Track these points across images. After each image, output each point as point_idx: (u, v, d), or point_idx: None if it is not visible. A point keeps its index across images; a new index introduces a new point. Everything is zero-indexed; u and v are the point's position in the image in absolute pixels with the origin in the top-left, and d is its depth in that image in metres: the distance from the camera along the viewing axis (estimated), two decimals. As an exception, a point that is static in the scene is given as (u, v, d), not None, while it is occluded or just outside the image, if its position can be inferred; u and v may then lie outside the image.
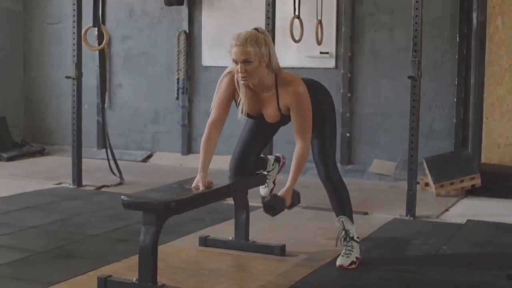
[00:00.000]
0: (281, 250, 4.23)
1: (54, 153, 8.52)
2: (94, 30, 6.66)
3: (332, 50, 7.37)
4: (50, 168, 7.52)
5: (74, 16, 6.34)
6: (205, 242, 4.43)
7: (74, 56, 6.35)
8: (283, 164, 4.50)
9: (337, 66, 7.41)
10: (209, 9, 7.91)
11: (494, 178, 6.28)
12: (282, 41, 6.73)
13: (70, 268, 3.92)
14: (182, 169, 7.65)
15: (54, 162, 7.93)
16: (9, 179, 6.81)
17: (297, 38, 6.46)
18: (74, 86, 6.38)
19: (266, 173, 4.36)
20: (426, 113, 6.90)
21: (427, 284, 3.84)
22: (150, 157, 8.23)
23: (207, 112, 7.79)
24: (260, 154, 4.29)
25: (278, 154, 4.52)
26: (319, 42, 6.76)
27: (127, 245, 4.43)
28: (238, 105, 3.83)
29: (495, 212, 5.68)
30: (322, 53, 7.34)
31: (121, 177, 6.70)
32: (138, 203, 3.48)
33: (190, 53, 8.05)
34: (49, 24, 8.75)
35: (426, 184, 6.44)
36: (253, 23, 7.56)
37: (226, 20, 7.82)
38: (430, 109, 7.03)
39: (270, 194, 3.89)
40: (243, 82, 3.70)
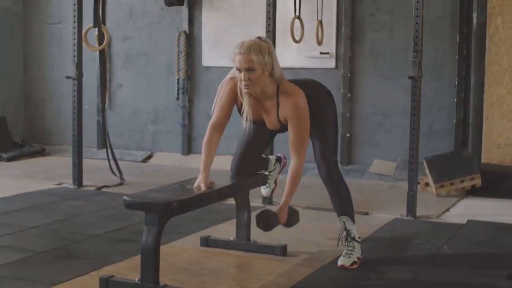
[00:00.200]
0: (282, 250, 4.24)
1: (54, 153, 8.52)
2: (94, 30, 6.66)
3: (332, 50, 7.38)
4: (50, 168, 7.52)
5: (75, 16, 6.34)
6: (206, 242, 4.43)
7: (74, 56, 6.35)
8: (284, 164, 4.51)
9: (337, 66, 7.41)
10: (209, 9, 7.91)
11: (494, 178, 6.28)
12: (282, 41, 6.73)
13: (72, 268, 3.93)
14: (182, 169, 7.65)
15: (54, 162, 7.93)
16: (9, 179, 6.81)
17: (297, 38, 6.46)
18: (74, 86, 6.38)
19: (268, 173, 4.38)
20: (426, 113, 6.90)
21: (428, 284, 3.85)
22: (150, 157, 8.23)
23: (207, 112, 7.95)
24: (261, 155, 4.30)
25: (279, 154, 4.53)
26: (320, 43, 6.76)
27: (129, 245, 4.43)
28: (242, 113, 3.83)
29: (496, 212, 5.69)
30: (322, 53, 7.34)
31: (121, 177, 6.70)
32: (140, 203, 3.49)
33: (190, 53, 8.05)
34: (49, 24, 8.75)
35: (426, 184, 6.44)
36: (253, 23, 7.65)
37: (226, 20, 7.82)
38: (430, 109, 7.04)
39: (263, 209, 3.82)
40: (246, 90, 3.69)
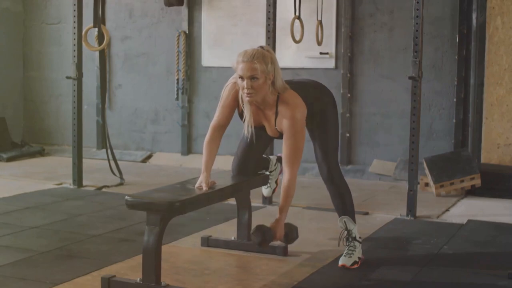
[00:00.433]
0: (283, 250, 4.25)
1: (53, 153, 8.52)
2: (94, 31, 6.66)
3: (332, 50, 7.38)
4: (50, 168, 7.52)
5: (75, 16, 6.34)
6: (207, 242, 4.44)
7: (74, 56, 6.35)
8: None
9: (337, 66, 7.41)
10: (208, 9, 7.91)
11: (494, 178, 6.29)
12: (282, 41, 6.73)
13: (73, 268, 3.93)
14: (182, 169, 7.65)
15: (54, 163, 7.93)
16: (9, 180, 6.81)
17: (297, 38, 6.46)
18: (74, 86, 6.38)
19: (268, 173, 4.38)
20: (426, 113, 6.91)
21: (429, 284, 3.85)
22: (150, 157, 8.23)
23: (207, 112, 7.96)
24: (262, 155, 4.31)
25: (280, 154, 4.52)
26: (319, 43, 6.76)
27: (130, 245, 4.44)
28: (243, 120, 3.84)
29: (496, 212, 5.70)
30: (322, 53, 7.35)
31: (121, 177, 6.70)
32: (142, 203, 3.49)
33: (189, 53, 8.05)
34: (48, 24, 8.74)
35: (426, 184, 6.45)
36: (252, 24, 7.66)
37: (226, 20, 7.82)
38: (430, 109, 7.05)
39: (258, 225, 3.74)
40: (248, 98, 3.68)
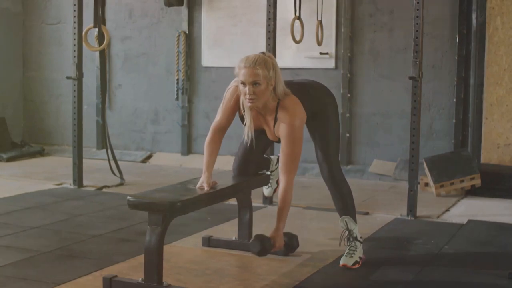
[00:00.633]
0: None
1: (53, 153, 8.52)
2: (94, 31, 6.66)
3: (331, 50, 7.39)
4: (50, 168, 7.52)
5: (75, 17, 6.34)
6: (208, 242, 4.44)
7: (74, 57, 6.35)
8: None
9: (336, 66, 7.42)
10: (208, 9, 7.92)
11: (494, 178, 6.30)
12: (281, 41, 6.74)
13: (75, 268, 3.93)
14: (182, 169, 7.65)
15: (54, 163, 7.93)
16: (9, 180, 6.81)
17: (297, 39, 6.46)
18: (74, 86, 6.38)
19: (269, 173, 4.39)
20: (425, 113, 6.91)
21: (430, 283, 3.86)
22: (150, 157, 8.23)
23: (207, 112, 7.97)
24: (263, 155, 4.31)
25: (281, 155, 4.53)
26: (320, 43, 6.76)
27: (131, 245, 4.44)
28: (244, 124, 3.84)
29: (496, 212, 5.71)
30: (322, 53, 7.35)
31: (121, 177, 6.71)
32: (144, 203, 3.49)
33: (189, 53, 8.06)
34: (48, 24, 8.74)
35: (426, 184, 6.46)
36: (252, 24, 7.66)
37: (226, 20, 7.83)
38: (429, 109, 7.05)
39: (256, 234, 3.72)
40: (250, 104, 3.68)
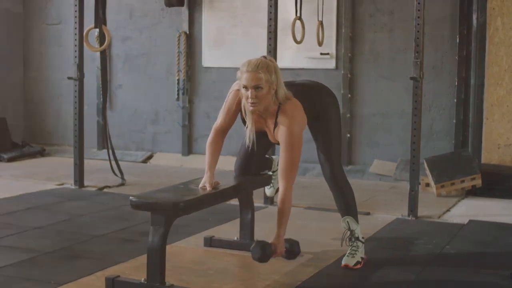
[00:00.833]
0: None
1: (54, 153, 8.52)
2: (94, 31, 6.66)
3: (332, 51, 7.40)
4: (50, 168, 7.53)
5: (76, 17, 6.34)
6: (210, 242, 4.45)
7: (75, 57, 6.35)
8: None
9: (337, 67, 7.43)
10: (209, 10, 7.93)
11: (495, 178, 6.31)
12: (282, 42, 6.73)
13: (77, 268, 3.94)
14: (183, 169, 7.66)
15: (55, 163, 7.94)
16: (10, 180, 6.81)
17: (298, 39, 6.47)
18: (75, 87, 6.39)
19: (271, 173, 4.40)
20: (426, 113, 6.92)
21: (432, 283, 3.87)
22: (150, 157, 8.23)
23: (207, 112, 7.97)
24: (264, 155, 4.32)
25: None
26: (320, 43, 6.76)
27: (133, 245, 4.45)
28: (246, 128, 3.84)
29: (496, 212, 5.72)
30: (322, 54, 7.36)
31: (122, 177, 6.71)
32: (147, 204, 3.50)
33: (190, 54, 8.06)
34: (49, 24, 8.75)
35: (427, 184, 6.47)
36: (253, 24, 7.67)
37: (226, 21, 7.84)
38: (430, 109, 7.06)
39: (257, 240, 3.70)
40: (252, 108, 3.67)
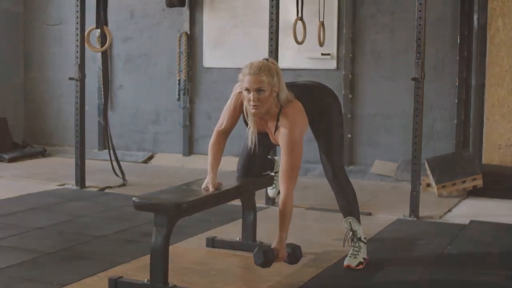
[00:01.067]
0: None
1: (55, 154, 8.52)
2: (95, 31, 6.65)
3: (333, 51, 7.40)
4: (51, 169, 7.53)
5: (77, 17, 6.34)
6: (212, 243, 4.45)
7: (77, 57, 6.36)
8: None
9: (338, 67, 7.43)
10: (210, 10, 7.93)
11: (495, 179, 6.32)
12: (283, 42, 6.73)
13: (80, 269, 3.94)
14: (184, 170, 7.66)
15: (56, 163, 7.94)
16: (11, 180, 6.82)
17: (299, 39, 6.47)
18: (77, 87, 6.39)
19: (274, 174, 4.40)
20: (427, 114, 6.92)
21: (434, 284, 3.88)
22: (151, 158, 8.24)
23: (208, 113, 7.98)
24: (267, 156, 4.32)
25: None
26: (321, 44, 6.76)
27: (135, 246, 4.45)
28: (248, 129, 3.84)
29: (497, 212, 5.72)
30: (323, 54, 7.37)
31: (124, 178, 6.71)
32: (150, 205, 3.50)
33: (191, 54, 8.07)
34: (49, 25, 8.75)
35: (428, 184, 6.47)
36: (254, 25, 7.68)
37: (227, 21, 7.84)
38: (431, 110, 7.07)
39: (259, 246, 3.71)
40: (254, 111, 3.66)
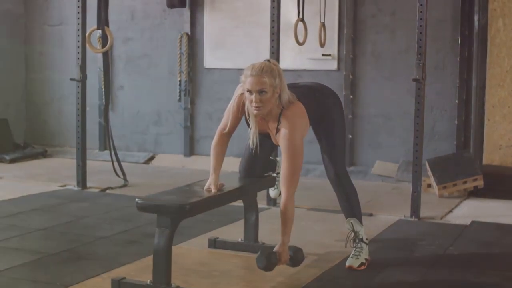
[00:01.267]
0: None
1: (56, 154, 8.52)
2: (96, 32, 6.66)
3: (334, 52, 7.41)
4: (53, 170, 7.54)
5: (78, 18, 6.35)
6: (214, 244, 4.46)
7: (78, 58, 6.36)
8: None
9: (339, 68, 7.44)
10: (211, 11, 7.94)
11: (496, 179, 6.33)
12: (283, 43, 6.74)
13: (83, 270, 3.95)
14: (185, 170, 7.67)
15: (57, 164, 7.94)
16: (13, 181, 6.82)
17: (300, 40, 6.48)
18: (78, 88, 6.40)
19: (275, 175, 4.41)
20: (428, 115, 6.89)
21: (436, 284, 3.89)
22: (152, 159, 8.24)
23: (209, 114, 7.99)
24: (269, 157, 4.33)
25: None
26: (322, 45, 6.77)
27: (137, 247, 4.46)
28: (249, 131, 3.84)
29: (498, 213, 5.73)
30: (324, 55, 7.38)
31: (125, 179, 6.72)
32: (153, 206, 3.51)
33: (192, 55, 8.07)
34: (50, 26, 8.76)
35: (429, 185, 6.48)
36: (255, 25, 7.69)
37: (228, 22, 7.85)
38: (432, 111, 7.07)
39: (262, 249, 3.73)
40: (256, 112, 3.67)
